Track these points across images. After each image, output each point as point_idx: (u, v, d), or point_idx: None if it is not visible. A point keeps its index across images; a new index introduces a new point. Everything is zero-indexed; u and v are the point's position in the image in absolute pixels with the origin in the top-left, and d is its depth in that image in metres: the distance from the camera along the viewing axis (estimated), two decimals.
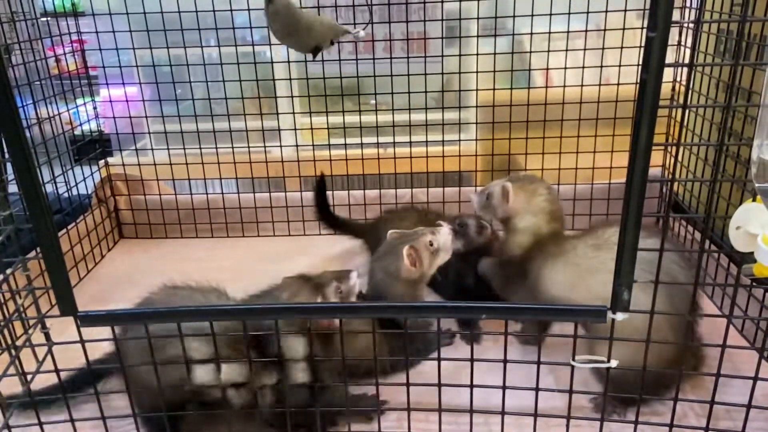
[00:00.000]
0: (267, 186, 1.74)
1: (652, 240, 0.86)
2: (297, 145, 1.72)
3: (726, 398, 0.82)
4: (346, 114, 1.63)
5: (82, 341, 0.80)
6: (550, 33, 1.50)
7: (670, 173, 1.58)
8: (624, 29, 1.48)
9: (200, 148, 1.65)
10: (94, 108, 1.70)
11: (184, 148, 1.65)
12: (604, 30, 1.50)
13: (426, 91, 1.55)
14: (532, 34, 1.53)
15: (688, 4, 1.52)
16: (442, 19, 1.56)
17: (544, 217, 1.11)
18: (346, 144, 1.65)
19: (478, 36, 1.54)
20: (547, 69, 1.58)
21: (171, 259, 1.62)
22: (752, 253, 0.72)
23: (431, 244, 1.09)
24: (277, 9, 1.02)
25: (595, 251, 0.99)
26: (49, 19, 1.59)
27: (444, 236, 1.11)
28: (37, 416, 0.83)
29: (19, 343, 0.92)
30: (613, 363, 0.77)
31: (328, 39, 1.13)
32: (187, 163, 1.67)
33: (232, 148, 1.65)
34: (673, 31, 1.51)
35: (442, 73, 1.58)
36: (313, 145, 1.72)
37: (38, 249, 0.72)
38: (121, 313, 0.82)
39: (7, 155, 0.67)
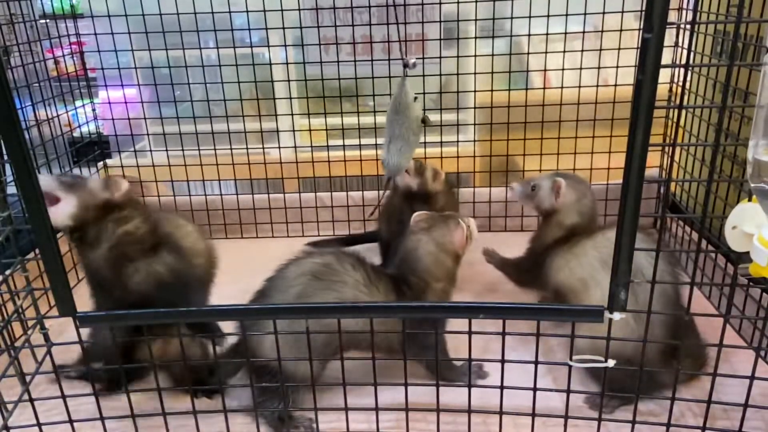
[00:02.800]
0: (265, 187, 1.75)
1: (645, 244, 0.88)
2: (295, 147, 1.73)
3: (723, 398, 0.83)
4: (345, 115, 1.63)
5: (81, 342, 0.80)
6: (547, 34, 1.51)
7: (667, 174, 1.58)
8: (621, 30, 1.49)
9: (199, 150, 1.65)
10: (93, 110, 1.70)
11: (183, 150, 1.65)
12: (602, 31, 1.51)
13: (424, 93, 1.55)
14: (530, 35, 1.53)
15: (684, 6, 1.53)
16: (440, 21, 1.57)
17: (587, 218, 1.19)
18: (344, 145, 1.65)
19: (476, 37, 1.54)
20: (545, 70, 1.58)
21: None
22: (749, 252, 0.72)
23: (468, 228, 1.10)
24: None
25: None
26: (48, 21, 1.60)
27: (473, 225, 1.11)
28: (36, 417, 0.83)
29: (18, 343, 0.92)
30: (611, 363, 0.78)
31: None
32: (185, 165, 1.67)
33: (231, 149, 1.65)
34: (671, 32, 1.52)
35: (440, 75, 1.58)
36: (311, 147, 1.72)
37: (36, 250, 0.72)
38: (120, 314, 0.82)
39: (6, 157, 0.68)
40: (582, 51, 1.52)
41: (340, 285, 0.97)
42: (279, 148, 1.68)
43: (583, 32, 1.51)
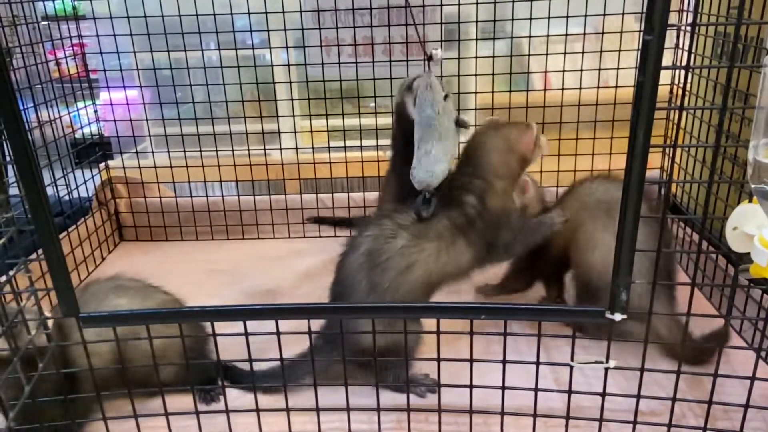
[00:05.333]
0: (267, 188, 1.75)
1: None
2: (297, 148, 1.73)
3: (724, 398, 0.83)
4: (346, 117, 1.63)
5: (84, 342, 0.80)
6: (548, 36, 1.51)
7: (668, 175, 1.58)
8: (622, 32, 1.49)
9: (200, 151, 1.65)
10: (95, 111, 1.71)
11: (185, 151, 1.65)
12: (603, 33, 1.51)
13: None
14: (530, 37, 1.54)
15: (685, 8, 1.53)
16: (441, 23, 1.57)
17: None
18: (345, 147, 1.66)
19: (477, 39, 1.55)
20: (546, 72, 1.59)
21: (171, 261, 1.63)
22: (749, 253, 0.72)
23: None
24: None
25: None
26: (50, 22, 1.60)
27: (545, 140, 1.11)
28: (38, 419, 0.83)
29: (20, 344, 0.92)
30: (612, 363, 0.78)
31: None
32: (187, 166, 1.68)
33: (233, 150, 1.65)
34: (671, 34, 1.52)
35: (441, 76, 1.58)
36: (312, 148, 1.73)
37: (39, 251, 0.73)
38: (122, 314, 0.82)
39: (8, 157, 0.68)
40: (583, 53, 1.53)
41: (390, 260, 1.00)
42: (280, 149, 1.69)
43: (584, 34, 1.51)
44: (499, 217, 1.05)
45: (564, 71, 1.55)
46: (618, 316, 0.73)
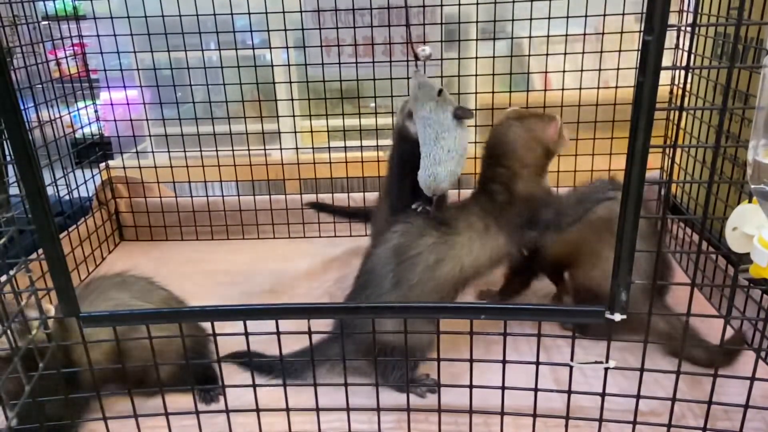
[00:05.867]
0: (267, 188, 1.75)
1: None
2: (297, 148, 1.73)
3: (724, 399, 0.83)
4: (346, 117, 1.63)
5: (84, 342, 0.80)
6: (548, 36, 1.51)
7: (668, 175, 1.58)
8: (622, 33, 1.49)
9: (200, 151, 1.65)
10: (95, 111, 1.71)
11: (185, 151, 1.65)
12: (603, 33, 1.51)
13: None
14: (530, 37, 1.54)
15: (685, 8, 1.53)
16: (441, 23, 1.57)
17: None
18: (345, 147, 1.66)
19: (477, 39, 1.55)
20: (546, 72, 1.59)
21: (171, 261, 1.63)
22: (749, 254, 0.72)
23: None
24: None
25: None
26: (50, 22, 1.60)
27: (567, 132, 1.11)
28: (39, 419, 0.83)
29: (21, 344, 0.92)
30: (611, 363, 0.78)
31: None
32: (187, 166, 1.68)
33: (233, 150, 1.66)
34: (671, 35, 1.52)
35: (441, 77, 1.58)
36: (312, 148, 1.73)
37: (39, 251, 0.73)
38: (122, 314, 0.82)
39: (9, 157, 0.68)
40: (583, 53, 1.53)
41: (419, 255, 1.00)
42: (280, 149, 1.69)
43: (584, 34, 1.51)
44: (530, 199, 1.05)
45: (564, 72, 1.55)
46: (617, 316, 0.73)
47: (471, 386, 0.83)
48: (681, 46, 1.53)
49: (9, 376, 0.74)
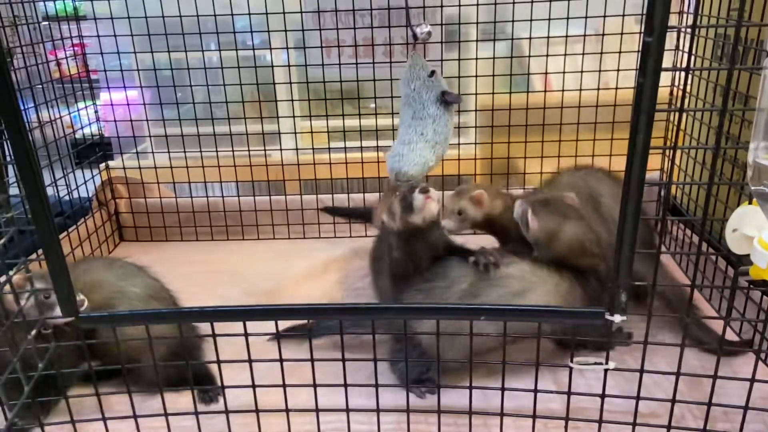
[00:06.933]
0: (267, 189, 1.75)
1: None
2: (297, 149, 1.73)
3: (723, 400, 0.83)
4: (346, 118, 1.63)
5: (84, 342, 0.80)
6: (549, 37, 1.51)
7: (668, 177, 1.58)
8: (622, 34, 1.49)
9: (201, 152, 1.65)
10: (95, 111, 1.71)
11: (185, 152, 1.66)
12: (603, 34, 1.51)
13: None
14: (531, 38, 1.54)
15: (685, 9, 1.54)
16: (442, 24, 1.57)
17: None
18: (345, 147, 1.66)
19: (477, 40, 1.55)
20: (546, 73, 1.59)
21: (171, 261, 1.62)
22: (749, 255, 0.72)
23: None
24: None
25: None
26: (50, 23, 1.60)
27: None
28: (38, 418, 0.84)
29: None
30: (611, 364, 0.78)
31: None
32: (187, 166, 1.68)
33: (233, 151, 1.66)
34: (671, 36, 1.52)
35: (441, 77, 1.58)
36: (312, 149, 1.73)
37: (39, 251, 0.73)
38: (122, 314, 0.82)
39: (9, 157, 0.68)
40: (583, 54, 1.53)
41: (505, 279, 0.98)
42: (280, 150, 1.69)
43: (584, 35, 1.51)
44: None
45: (564, 73, 1.55)
46: (618, 318, 0.73)
47: (471, 387, 0.83)
48: (681, 47, 1.53)
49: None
